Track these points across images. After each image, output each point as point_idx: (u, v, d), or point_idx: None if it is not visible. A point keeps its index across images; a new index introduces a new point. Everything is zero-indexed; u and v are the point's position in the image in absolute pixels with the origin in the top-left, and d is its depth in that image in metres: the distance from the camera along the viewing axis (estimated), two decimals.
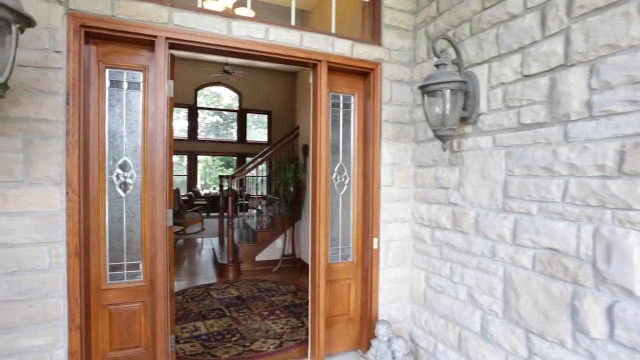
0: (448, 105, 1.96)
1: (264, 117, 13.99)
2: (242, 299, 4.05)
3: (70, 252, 1.89)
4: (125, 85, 2.14)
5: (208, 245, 7.17)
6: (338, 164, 2.69)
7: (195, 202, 11.03)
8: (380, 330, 2.42)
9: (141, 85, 2.16)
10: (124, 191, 2.14)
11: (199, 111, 12.99)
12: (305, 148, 5.30)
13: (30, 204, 1.83)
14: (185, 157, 12.95)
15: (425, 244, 2.55)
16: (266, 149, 8.27)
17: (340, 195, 2.69)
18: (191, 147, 12.78)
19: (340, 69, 2.59)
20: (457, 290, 2.24)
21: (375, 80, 2.62)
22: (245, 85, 13.21)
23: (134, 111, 2.16)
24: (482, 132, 2.06)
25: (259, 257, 5.46)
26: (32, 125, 1.83)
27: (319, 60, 2.47)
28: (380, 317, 2.65)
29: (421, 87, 2.04)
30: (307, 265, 5.32)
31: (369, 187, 2.66)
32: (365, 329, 2.71)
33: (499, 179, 1.95)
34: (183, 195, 11.34)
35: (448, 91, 1.94)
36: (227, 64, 10.58)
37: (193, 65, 12.22)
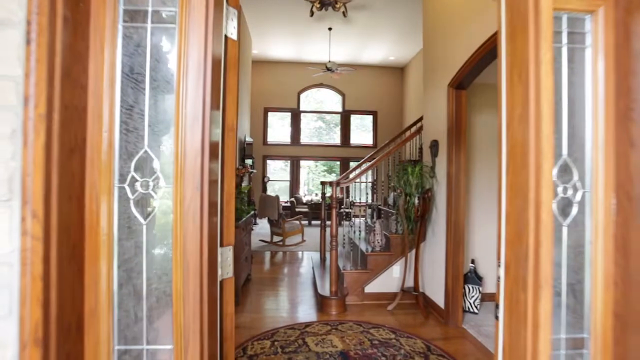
0: None
1: (368, 121, 12.88)
2: (348, 357, 2.87)
3: (24, 337, 0.95)
4: (149, 17, 1.17)
5: (308, 263, 6.26)
6: (559, 161, 1.27)
7: (297, 210, 10.46)
8: None
9: (177, 17, 1.16)
10: (145, 215, 1.15)
11: (301, 116, 12.57)
12: (435, 145, 3.88)
13: None
14: (288, 163, 12.61)
15: None
16: (375, 150, 7.08)
17: (566, 226, 1.27)
18: (294, 152, 12.39)
19: None
20: None
21: None
22: (349, 85, 12.32)
23: (162, 64, 1.17)
24: None
25: (369, 289, 4.23)
26: None
27: None
28: None
29: None
30: (433, 304, 3.87)
31: (638, 212, 1.18)
32: None
33: None
34: (285, 202, 10.90)
35: None
36: (329, 62, 9.79)
37: (296, 68, 11.83)
